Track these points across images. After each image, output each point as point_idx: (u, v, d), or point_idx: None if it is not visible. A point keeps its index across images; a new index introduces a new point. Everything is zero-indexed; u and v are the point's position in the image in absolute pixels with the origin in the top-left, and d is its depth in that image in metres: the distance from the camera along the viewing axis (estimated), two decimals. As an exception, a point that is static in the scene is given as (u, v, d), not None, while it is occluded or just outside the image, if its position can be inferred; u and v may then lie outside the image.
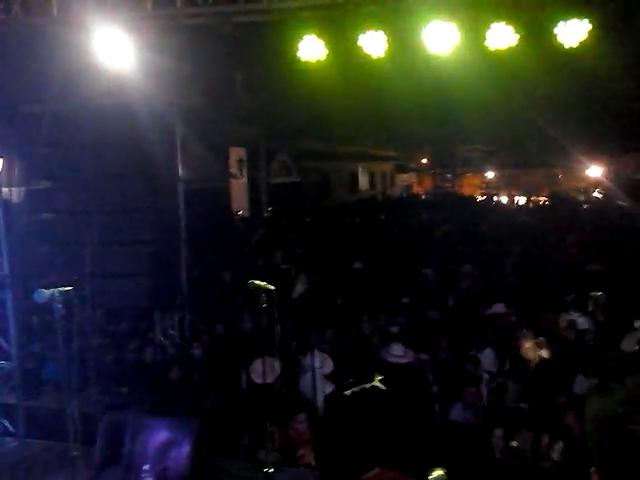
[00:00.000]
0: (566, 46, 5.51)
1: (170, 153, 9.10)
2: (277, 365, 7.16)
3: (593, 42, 5.70)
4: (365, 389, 2.05)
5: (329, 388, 7.18)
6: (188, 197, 9.81)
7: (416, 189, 35.92)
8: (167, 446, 5.38)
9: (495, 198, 27.71)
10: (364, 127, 18.97)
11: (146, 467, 5.12)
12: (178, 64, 8.43)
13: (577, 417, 5.21)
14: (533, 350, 7.55)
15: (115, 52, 6.13)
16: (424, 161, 37.27)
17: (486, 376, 7.41)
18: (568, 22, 5.35)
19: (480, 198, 27.62)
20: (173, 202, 9.17)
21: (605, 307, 8.35)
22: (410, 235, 16.52)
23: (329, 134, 21.37)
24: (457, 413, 6.61)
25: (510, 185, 31.53)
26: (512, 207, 25.16)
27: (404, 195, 32.42)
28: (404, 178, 37.49)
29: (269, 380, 6.97)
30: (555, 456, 5.48)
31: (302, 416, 6.17)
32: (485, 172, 34.40)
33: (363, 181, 33.07)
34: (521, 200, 27.27)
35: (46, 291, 3.88)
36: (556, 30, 5.43)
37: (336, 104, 10.54)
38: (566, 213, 19.55)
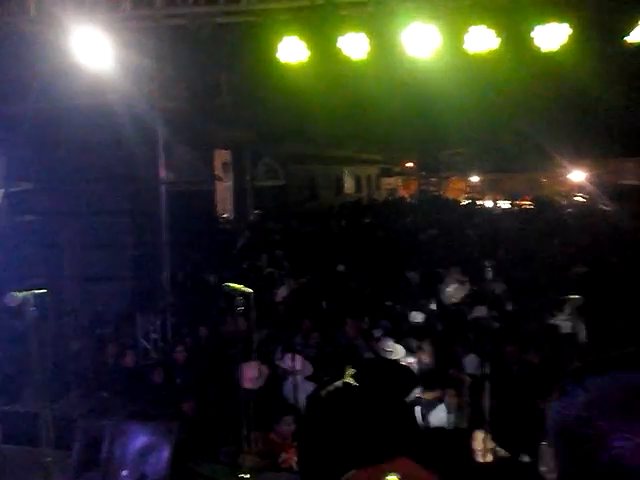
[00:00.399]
0: (545, 50, 5.54)
1: (152, 155, 9.03)
2: (265, 369, 7.14)
3: (573, 46, 5.74)
4: (337, 387, 2.03)
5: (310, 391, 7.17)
6: (172, 200, 9.74)
7: (401, 192, 36.03)
8: (146, 451, 5.30)
9: (479, 202, 27.89)
10: (347, 130, 19.00)
11: (124, 473, 5.04)
12: (160, 65, 8.39)
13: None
14: (516, 355, 7.58)
15: (94, 52, 6.06)
16: (409, 165, 37.42)
17: (469, 380, 7.42)
18: (547, 26, 5.38)
19: (465, 202, 27.78)
20: (155, 205, 9.10)
21: (582, 310, 8.40)
22: (395, 238, 16.56)
23: (315, 137, 21.39)
24: (440, 416, 6.61)
25: (494, 189, 31.78)
26: (496, 211, 25.32)
27: (389, 198, 32.52)
28: (389, 182, 37.63)
29: (259, 385, 6.95)
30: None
31: (289, 419, 6.14)
32: (469, 176, 34.63)
33: (349, 184, 33.14)
34: (505, 204, 27.47)
35: (18, 294, 3.79)
36: (534, 34, 5.46)
37: (317, 106, 10.54)
38: (550, 217, 19.72)
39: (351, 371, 2.07)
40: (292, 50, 5.83)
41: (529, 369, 7.36)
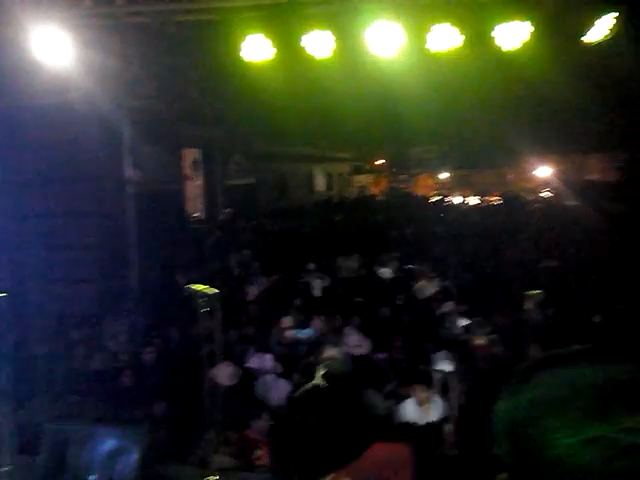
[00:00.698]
0: (506, 48, 5.63)
1: (118, 155, 8.90)
2: (236, 369, 7.12)
3: (535, 44, 5.84)
4: (307, 389, 2.01)
5: (283, 389, 7.18)
6: (139, 200, 9.60)
7: (372, 190, 36.19)
8: (114, 455, 5.24)
9: (448, 198, 28.19)
10: (316, 127, 19.02)
11: (92, 478, 4.98)
12: (126, 64, 8.25)
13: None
14: (485, 347, 7.67)
15: (54, 50, 5.94)
16: (380, 162, 37.60)
17: (439, 375, 7.49)
18: (508, 24, 5.47)
19: (434, 199, 28.06)
20: (121, 205, 8.97)
21: (543, 305, 8.47)
22: (366, 236, 16.63)
23: (284, 135, 21.34)
24: (410, 411, 6.66)
25: (463, 185, 32.14)
26: (465, 207, 25.63)
27: (360, 196, 32.65)
28: (360, 179, 37.75)
29: (232, 382, 6.92)
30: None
31: (263, 416, 6.14)
32: (439, 173, 34.98)
33: (320, 182, 33.14)
34: (473, 200, 27.82)
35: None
36: (496, 32, 5.54)
37: (283, 104, 10.51)
38: (517, 212, 20.05)
39: (322, 371, 2.07)
40: (256, 48, 5.80)
41: (497, 363, 7.45)
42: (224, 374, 6.44)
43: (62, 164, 7.96)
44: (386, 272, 12.22)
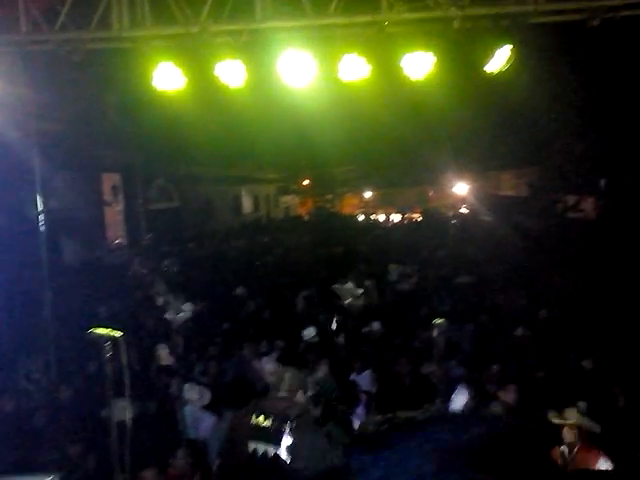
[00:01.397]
0: (414, 77, 5.87)
1: (28, 183, 8.52)
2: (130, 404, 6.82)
3: (441, 73, 6.13)
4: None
5: (208, 420, 7.02)
6: (53, 229, 9.20)
7: (299, 210, 36.45)
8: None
9: (373, 216, 28.83)
10: (236, 151, 19.03)
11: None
12: (34, 92, 7.94)
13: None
14: (409, 366, 7.79)
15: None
16: (306, 182, 38.00)
17: (364, 397, 7.53)
18: (414, 54, 5.72)
19: (359, 217, 28.61)
20: (33, 236, 8.56)
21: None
22: (291, 257, 16.70)
23: (207, 158, 21.16)
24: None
25: (386, 203, 33.02)
26: (388, 224, 26.27)
27: (287, 216, 32.80)
28: (287, 200, 37.95)
29: (124, 418, 6.63)
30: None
31: (181, 452, 5.96)
32: (363, 192, 35.78)
33: (247, 204, 33.03)
34: (397, 217, 28.59)
35: None
36: (404, 62, 5.78)
37: (202, 130, 10.47)
38: (437, 228, 20.73)
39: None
40: (168, 77, 5.75)
41: (421, 381, 7.56)
42: (122, 411, 6.17)
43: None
44: (312, 292, 12.26)
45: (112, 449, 3.69)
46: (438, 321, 5.98)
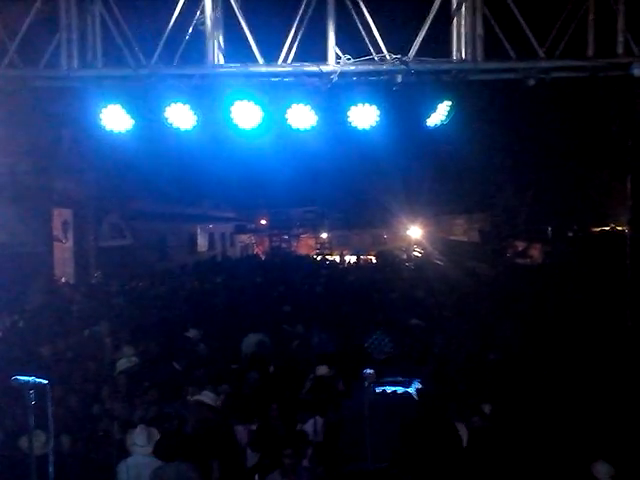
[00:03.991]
0: (361, 127, 6.07)
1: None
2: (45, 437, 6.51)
3: (386, 124, 6.36)
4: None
5: (150, 468, 6.78)
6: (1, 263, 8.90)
7: (255, 249, 36.39)
8: None
9: (329, 257, 28.98)
10: (190, 189, 19.01)
11: None
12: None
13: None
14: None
15: None
16: (263, 222, 38.07)
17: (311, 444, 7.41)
18: (359, 107, 5.92)
19: (316, 257, 28.71)
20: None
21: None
22: (245, 298, 16.52)
23: (164, 195, 21.02)
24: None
25: (341, 245, 33.34)
26: (343, 266, 26.42)
27: (243, 256, 32.63)
28: (243, 238, 37.86)
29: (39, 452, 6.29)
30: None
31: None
32: (319, 233, 36.08)
33: (202, 242, 32.75)
34: (352, 259, 28.83)
35: None
36: (350, 113, 5.97)
37: (154, 168, 10.45)
38: (391, 271, 20.97)
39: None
40: (116, 118, 5.77)
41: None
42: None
43: None
44: (260, 336, 12.09)
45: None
46: (368, 371, 6.00)
